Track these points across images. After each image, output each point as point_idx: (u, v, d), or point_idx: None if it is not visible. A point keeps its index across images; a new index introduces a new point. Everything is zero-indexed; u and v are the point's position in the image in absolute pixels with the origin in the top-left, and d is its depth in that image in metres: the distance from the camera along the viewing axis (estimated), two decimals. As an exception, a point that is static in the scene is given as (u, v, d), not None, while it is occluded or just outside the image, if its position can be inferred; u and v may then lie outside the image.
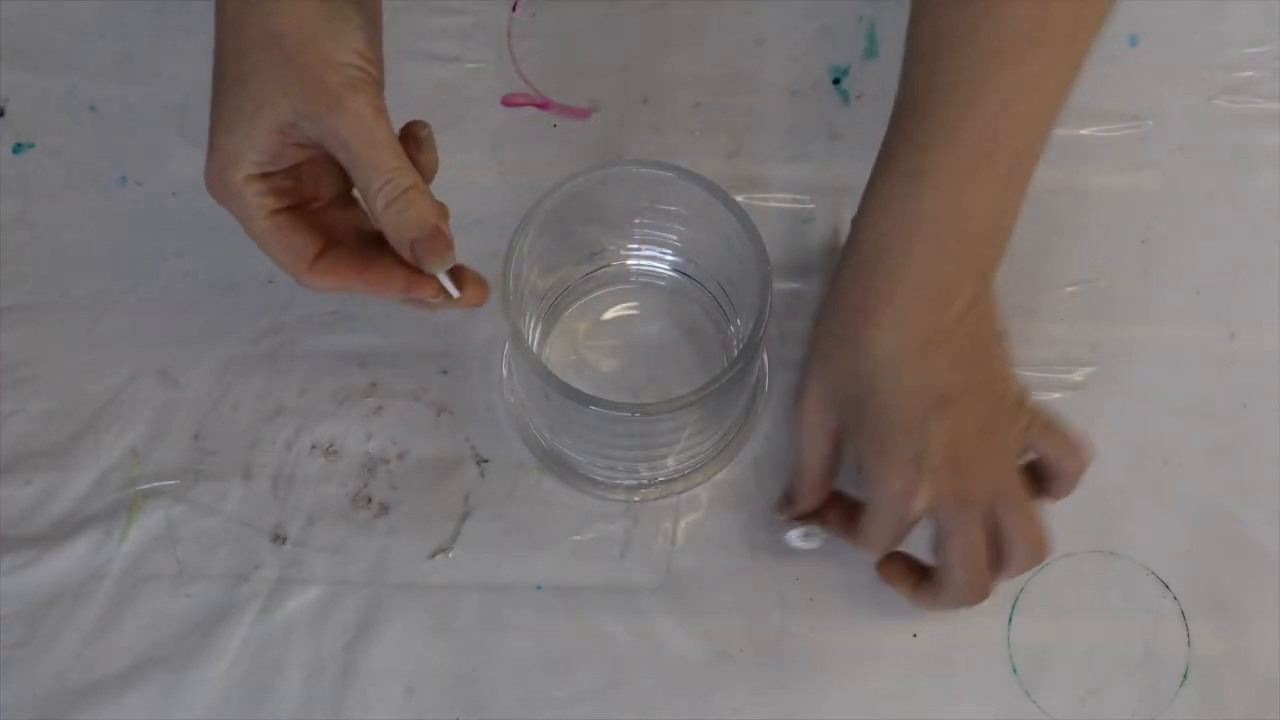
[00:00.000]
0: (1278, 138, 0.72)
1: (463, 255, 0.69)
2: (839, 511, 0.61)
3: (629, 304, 0.68)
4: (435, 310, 0.57)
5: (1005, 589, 0.64)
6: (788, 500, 0.62)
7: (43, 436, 0.66)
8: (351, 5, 0.53)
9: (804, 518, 0.62)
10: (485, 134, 0.72)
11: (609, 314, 0.68)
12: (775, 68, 0.74)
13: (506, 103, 0.73)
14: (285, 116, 0.51)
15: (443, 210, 0.54)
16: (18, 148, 0.71)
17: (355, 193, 0.56)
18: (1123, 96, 0.72)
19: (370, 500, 0.66)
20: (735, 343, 0.64)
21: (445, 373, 0.68)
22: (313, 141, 0.52)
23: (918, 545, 0.59)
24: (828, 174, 0.71)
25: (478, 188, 0.71)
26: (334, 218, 0.57)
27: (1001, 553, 0.57)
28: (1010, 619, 0.64)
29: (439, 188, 0.70)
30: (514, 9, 0.74)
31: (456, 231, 0.69)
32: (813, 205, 0.70)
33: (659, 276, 0.68)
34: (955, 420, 0.55)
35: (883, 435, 0.55)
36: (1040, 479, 0.59)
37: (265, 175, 0.53)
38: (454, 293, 0.56)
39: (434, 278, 0.55)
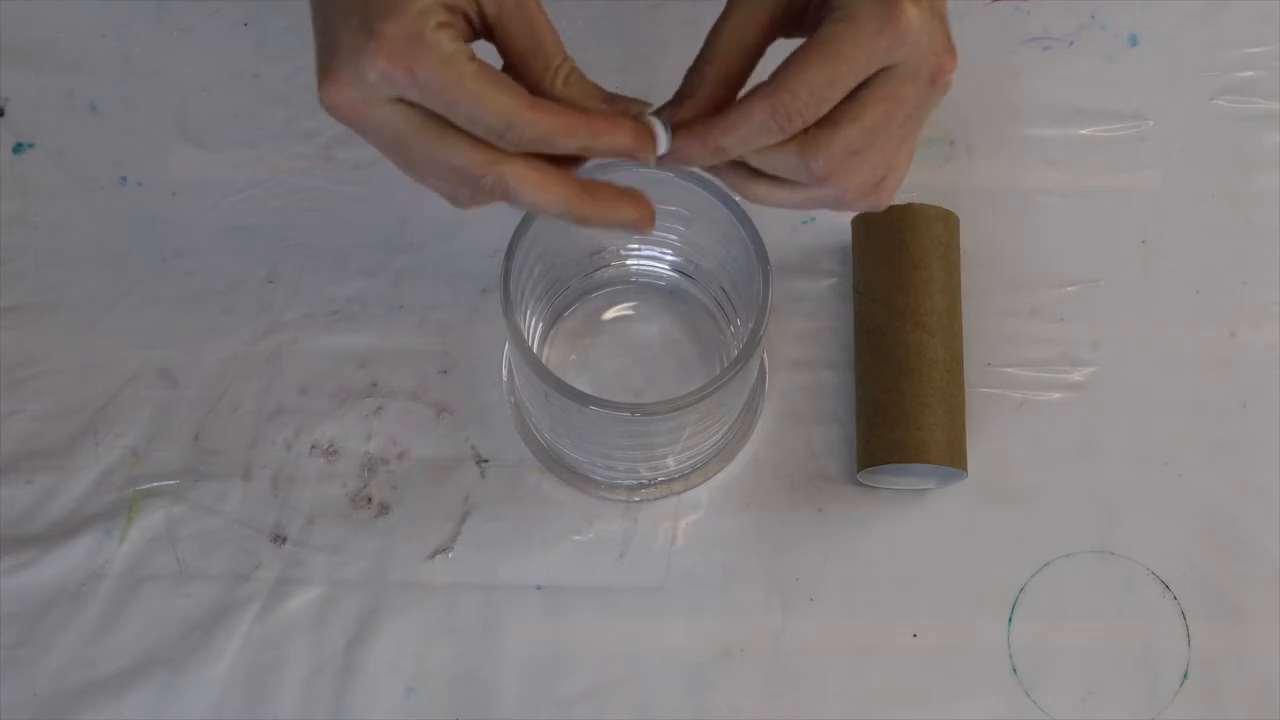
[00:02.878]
0: (1278, 138, 0.72)
1: (463, 255, 0.70)
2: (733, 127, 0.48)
3: (629, 304, 0.68)
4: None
5: (1005, 589, 0.65)
6: (677, 96, 0.50)
7: (43, 436, 0.66)
8: None
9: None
10: (485, 134, 0.72)
11: (609, 314, 0.68)
12: (774, 68, 0.73)
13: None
14: None
15: None
16: (18, 148, 0.71)
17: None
18: (1123, 96, 0.72)
19: (370, 500, 0.66)
20: (735, 343, 0.64)
21: (445, 373, 0.68)
22: (482, 19, 0.48)
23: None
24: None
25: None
26: None
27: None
28: (1010, 619, 0.64)
29: (439, 188, 0.71)
30: (514, 9, 0.74)
31: (456, 231, 0.70)
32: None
33: (659, 276, 0.68)
34: None
35: None
36: None
37: (452, 26, 0.47)
38: (664, 144, 0.49)
39: (653, 132, 0.49)
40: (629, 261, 0.67)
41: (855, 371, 0.66)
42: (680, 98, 0.50)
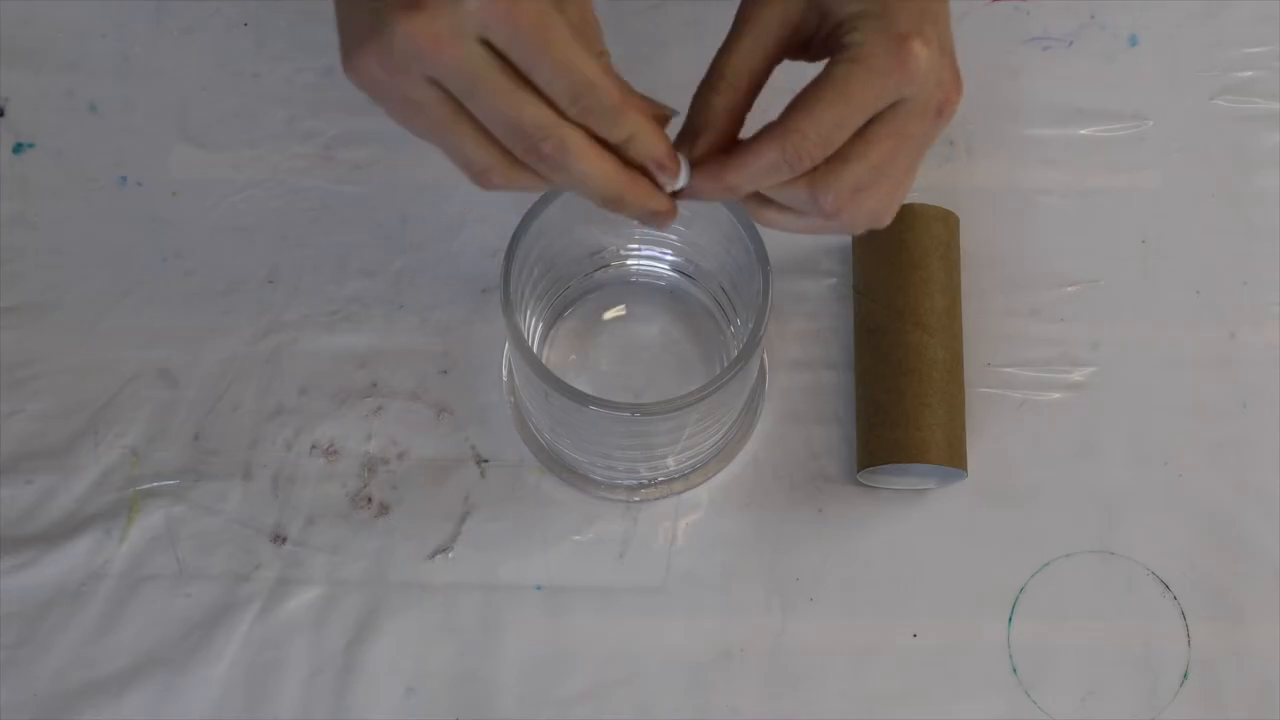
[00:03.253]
0: (1278, 138, 0.72)
1: (463, 255, 0.70)
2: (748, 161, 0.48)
3: (629, 304, 0.68)
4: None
5: (1005, 589, 0.65)
6: (692, 127, 0.50)
7: (43, 436, 0.66)
8: None
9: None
10: (485, 134, 0.72)
11: (609, 314, 0.68)
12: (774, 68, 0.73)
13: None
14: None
15: None
16: (18, 148, 0.71)
17: None
18: (1123, 96, 0.72)
19: (370, 500, 0.66)
20: (735, 343, 0.64)
21: (445, 373, 0.68)
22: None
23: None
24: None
25: (478, 188, 0.70)
26: None
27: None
28: (1010, 619, 0.64)
29: (438, 187, 0.71)
30: (514, 9, 0.74)
31: (456, 231, 0.70)
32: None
33: (659, 276, 0.68)
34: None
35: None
36: None
37: None
38: (684, 178, 0.49)
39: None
40: (629, 261, 0.67)
41: (855, 371, 0.66)
42: (694, 131, 0.49)
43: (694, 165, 0.49)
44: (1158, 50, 0.73)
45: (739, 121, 0.50)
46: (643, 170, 0.48)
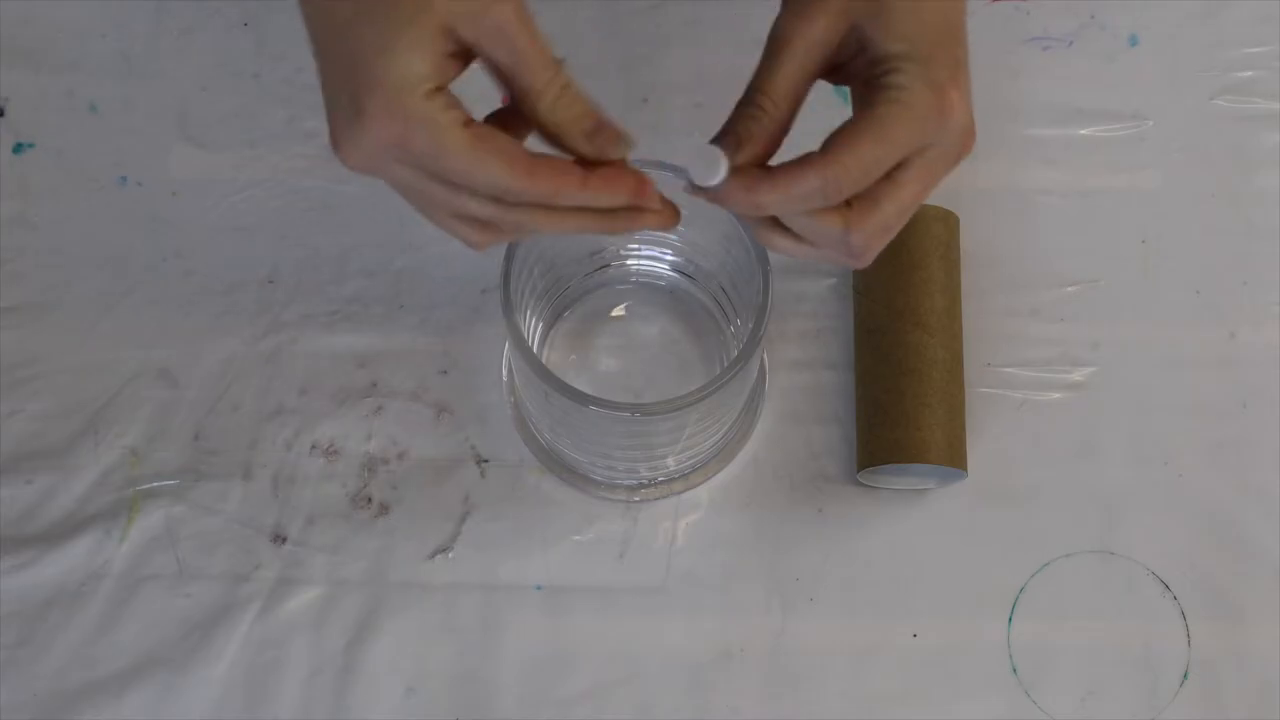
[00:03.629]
0: (1278, 138, 0.72)
1: (463, 255, 0.69)
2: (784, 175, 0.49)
3: (629, 304, 0.68)
4: (632, 225, 0.51)
5: (1005, 589, 0.65)
6: (735, 135, 0.50)
7: (43, 436, 0.66)
8: None
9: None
10: (485, 134, 0.72)
11: (609, 314, 0.68)
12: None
13: (506, 103, 0.72)
14: (443, 19, 0.46)
15: None
16: (18, 148, 0.71)
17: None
18: (1123, 96, 0.72)
19: (370, 500, 0.66)
20: (735, 343, 0.64)
21: (445, 373, 0.68)
22: (467, 46, 0.47)
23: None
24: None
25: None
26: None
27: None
28: (1010, 619, 0.64)
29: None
30: (514, 9, 0.74)
31: (456, 231, 0.70)
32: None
33: (659, 276, 0.68)
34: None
35: (929, 29, 0.49)
36: None
37: (440, 89, 0.47)
38: (722, 174, 0.49)
39: (650, 181, 0.50)
40: (629, 261, 0.67)
41: (855, 371, 0.66)
42: (737, 140, 0.50)
43: (732, 173, 0.49)
44: (1158, 50, 0.73)
45: (778, 142, 0.50)
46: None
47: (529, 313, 0.63)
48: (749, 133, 0.50)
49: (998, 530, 0.66)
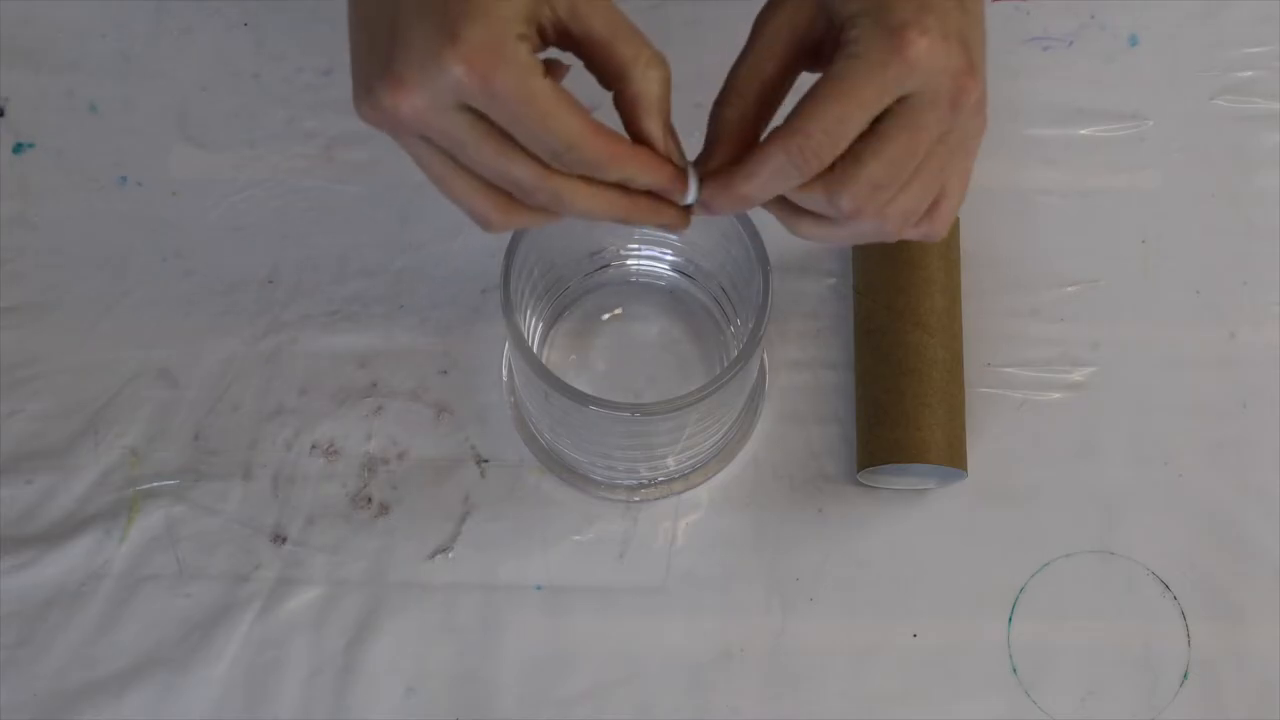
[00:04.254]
0: (1278, 138, 0.72)
1: (463, 255, 0.70)
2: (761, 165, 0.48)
3: (629, 304, 0.68)
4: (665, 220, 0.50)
5: (1005, 589, 0.65)
6: (707, 140, 0.50)
7: (43, 436, 0.66)
8: None
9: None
10: (485, 134, 0.72)
11: (609, 314, 0.68)
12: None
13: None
14: None
15: None
16: (18, 148, 0.71)
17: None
18: (1123, 96, 0.72)
19: (370, 500, 0.66)
20: (735, 343, 0.64)
21: (445, 373, 0.68)
22: (556, 22, 0.47)
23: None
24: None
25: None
26: None
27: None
28: (1010, 619, 0.64)
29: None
30: (514, 9, 0.74)
31: (456, 231, 0.70)
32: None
33: (659, 276, 0.68)
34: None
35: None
36: None
37: (527, 39, 0.46)
38: (693, 193, 0.49)
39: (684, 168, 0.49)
40: (629, 261, 0.67)
41: (855, 371, 0.66)
42: (707, 145, 0.49)
43: (707, 178, 0.49)
44: (1158, 50, 0.73)
45: (755, 133, 0.49)
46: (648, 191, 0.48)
47: (529, 313, 0.63)
48: (716, 132, 0.49)
49: (998, 530, 0.66)
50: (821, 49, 0.49)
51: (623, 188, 0.48)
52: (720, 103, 0.50)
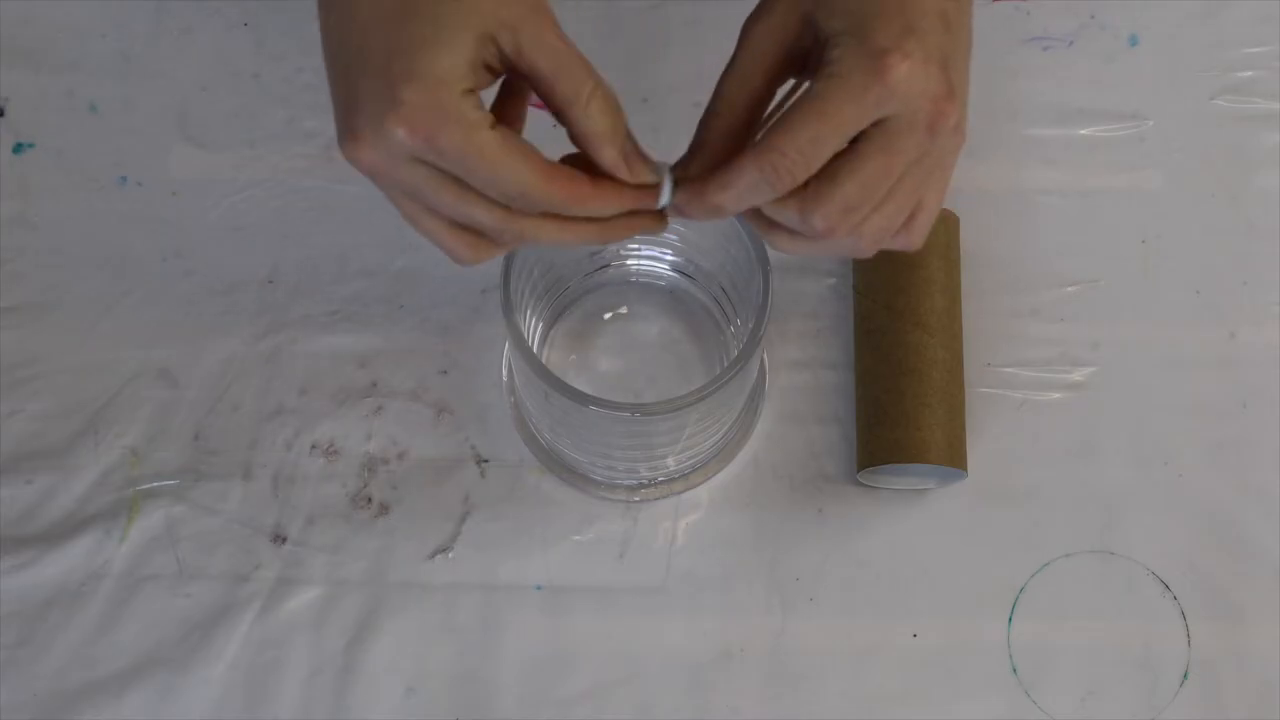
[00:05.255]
0: (1278, 138, 0.72)
1: (463, 255, 0.69)
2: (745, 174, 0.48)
3: (629, 304, 0.68)
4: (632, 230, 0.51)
5: (1005, 589, 0.65)
6: (692, 145, 0.50)
7: (43, 436, 0.66)
8: None
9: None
10: (485, 134, 0.72)
11: (609, 314, 0.68)
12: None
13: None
14: (487, 26, 0.47)
15: None
16: (18, 148, 0.71)
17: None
18: (1123, 96, 0.72)
19: (370, 500, 0.66)
20: (735, 343, 0.64)
21: (445, 373, 0.68)
22: (504, 56, 0.48)
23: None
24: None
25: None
26: None
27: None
28: (1010, 619, 0.64)
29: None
30: (514, 9, 0.74)
31: (456, 231, 0.70)
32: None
33: (659, 276, 0.68)
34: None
35: (889, 11, 0.47)
36: None
37: (473, 91, 0.47)
38: (666, 198, 0.50)
39: (655, 184, 0.50)
40: (629, 261, 0.67)
41: (855, 371, 0.66)
42: (690, 150, 0.50)
43: (682, 183, 0.49)
44: (1158, 50, 0.73)
45: (740, 143, 0.49)
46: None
47: (529, 313, 0.63)
48: (699, 140, 0.49)
49: (998, 530, 0.66)
50: (807, 59, 0.49)
51: (592, 223, 0.49)
52: (709, 112, 0.50)
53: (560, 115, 0.48)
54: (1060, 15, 0.73)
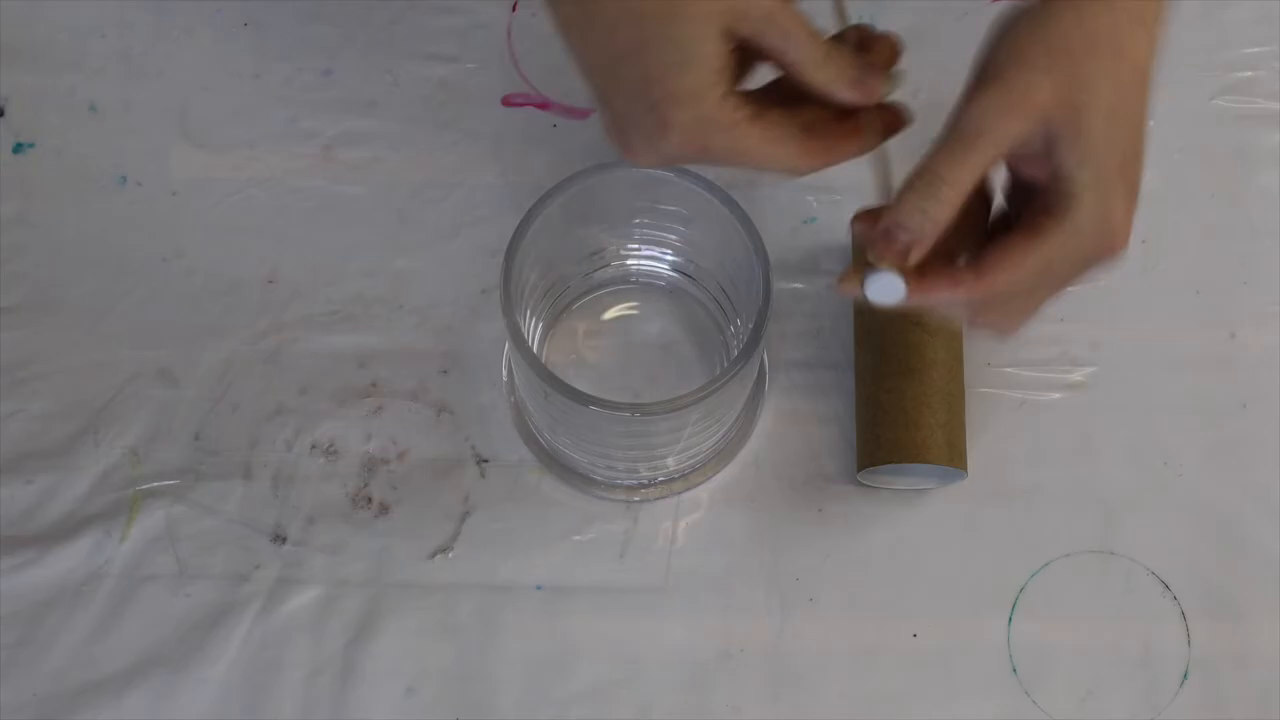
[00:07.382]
0: (1278, 138, 0.72)
1: (463, 255, 0.70)
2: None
3: (629, 304, 0.68)
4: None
5: (1005, 589, 0.65)
6: (903, 230, 0.50)
7: (43, 436, 0.66)
8: None
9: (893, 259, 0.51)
10: (485, 134, 0.72)
11: (609, 314, 0.68)
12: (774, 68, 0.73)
13: (506, 103, 0.73)
14: (723, 23, 0.49)
15: None
16: (18, 148, 0.71)
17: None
18: (1123, 96, 0.72)
19: (370, 500, 0.66)
20: (735, 343, 0.64)
21: (445, 373, 0.68)
22: (745, 41, 0.50)
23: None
24: (828, 173, 0.70)
25: (478, 188, 0.71)
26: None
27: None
28: (1010, 619, 0.64)
29: (437, 187, 0.71)
30: (514, 9, 0.74)
31: (458, 230, 0.70)
32: (814, 205, 0.70)
33: (659, 276, 0.68)
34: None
35: (1118, 155, 0.50)
36: None
37: (730, 93, 0.50)
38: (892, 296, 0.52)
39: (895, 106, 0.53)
40: (629, 261, 0.67)
41: (855, 371, 0.66)
42: (908, 234, 0.50)
43: (886, 263, 0.51)
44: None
45: (946, 230, 0.51)
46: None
47: (529, 313, 0.63)
48: (922, 231, 0.50)
49: (998, 530, 0.66)
50: (1023, 160, 0.51)
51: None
52: (931, 197, 0.50)
53: (792, 74, 0.51)
54: (1060, 15, 0.73)
